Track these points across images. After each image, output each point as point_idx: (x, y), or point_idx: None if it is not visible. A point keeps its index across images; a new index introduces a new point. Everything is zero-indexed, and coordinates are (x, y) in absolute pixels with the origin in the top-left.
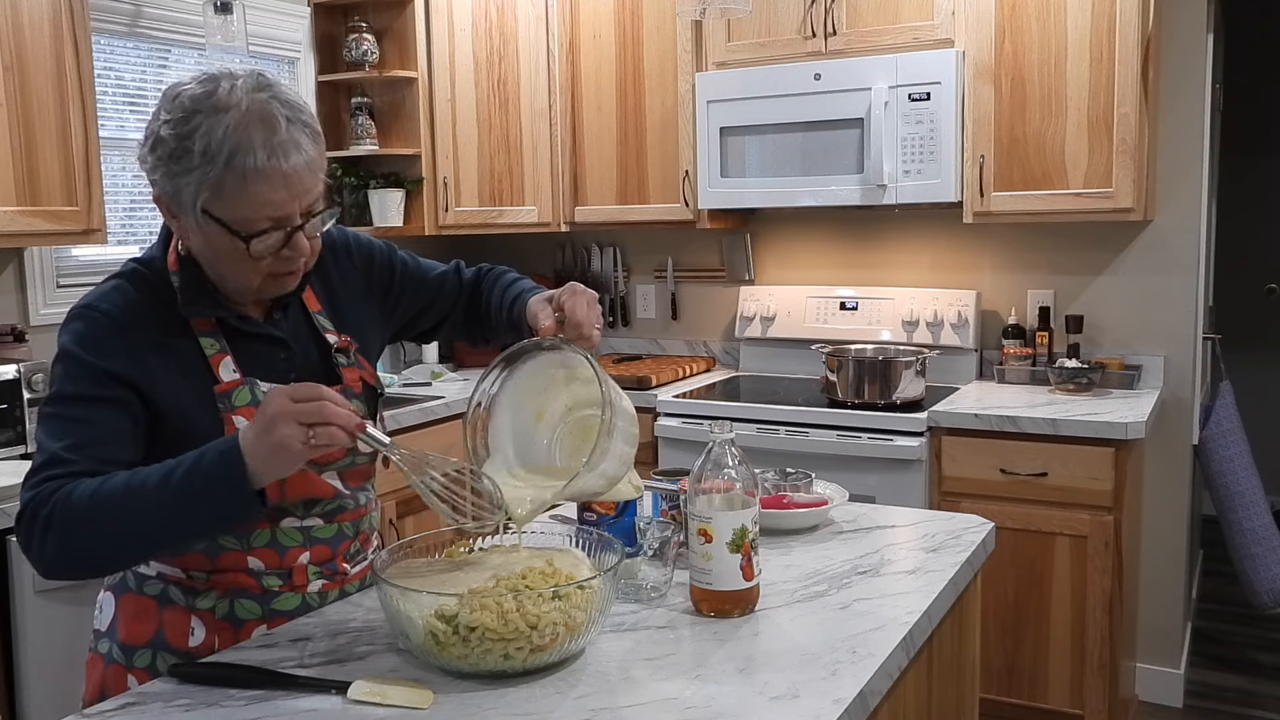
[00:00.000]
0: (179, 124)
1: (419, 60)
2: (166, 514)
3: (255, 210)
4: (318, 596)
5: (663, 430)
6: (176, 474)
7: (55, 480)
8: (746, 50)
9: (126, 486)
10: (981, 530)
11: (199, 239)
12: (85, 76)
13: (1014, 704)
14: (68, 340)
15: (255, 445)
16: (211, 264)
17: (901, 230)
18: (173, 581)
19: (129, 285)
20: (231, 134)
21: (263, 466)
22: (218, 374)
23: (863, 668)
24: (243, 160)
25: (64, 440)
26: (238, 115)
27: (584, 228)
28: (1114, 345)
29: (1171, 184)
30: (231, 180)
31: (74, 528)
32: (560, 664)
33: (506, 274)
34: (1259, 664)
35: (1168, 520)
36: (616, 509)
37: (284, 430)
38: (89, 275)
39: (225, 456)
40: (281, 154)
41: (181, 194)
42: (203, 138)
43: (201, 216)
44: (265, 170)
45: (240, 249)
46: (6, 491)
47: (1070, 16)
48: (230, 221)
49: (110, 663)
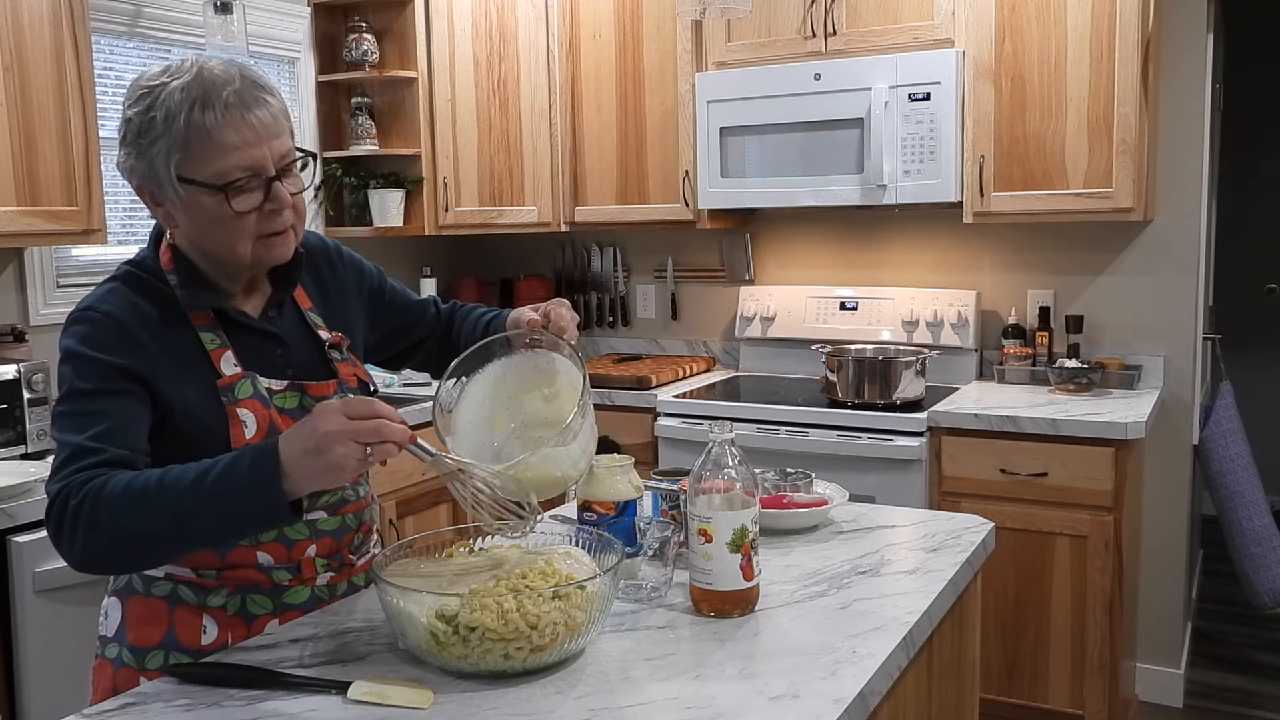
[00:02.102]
0: (138, 102)
1: (419, 60)
2: (197, 514)
3: (225, 159)
4: (326, 589)
5: (663, 430)
6: (211, 475)
7: (85, 471)
8: (746, 50)
9: (159, 484)
10: (981, 530)
11: (184, 217)
12: (85, 76)
13: (1014, 704)
14: (73, 342)
15: (302, 461)
16: (201, 241)
17: (901, 230)
18: (182, 581)
19: (125, 287)
20: (189, 91)
21: (305, 481)
22: (219, 368)
23: (863, 668)
24: (202, 112)
25: (87, 432)
26: (191, 77)
27: (584, 228)
28: (1114, 345)
29: (1171, 184)
30: (196, 135)
31: (104, 521)
32: (560, 664)
33: (480, 306)
34: (1259, 664)
35: (1168, 520)
36: (616, 509)
37: (340, 450)
38: (89, 275)
39: (262, 465)
40: (240, 103)
41: (156, 167)
42: (162, 106)
43: (179, 185)
44: (228, 118)
45: (224, 209)
46: (6, 491)
47: (1070, 16)
48: (205, 178)
49: (121, 666)
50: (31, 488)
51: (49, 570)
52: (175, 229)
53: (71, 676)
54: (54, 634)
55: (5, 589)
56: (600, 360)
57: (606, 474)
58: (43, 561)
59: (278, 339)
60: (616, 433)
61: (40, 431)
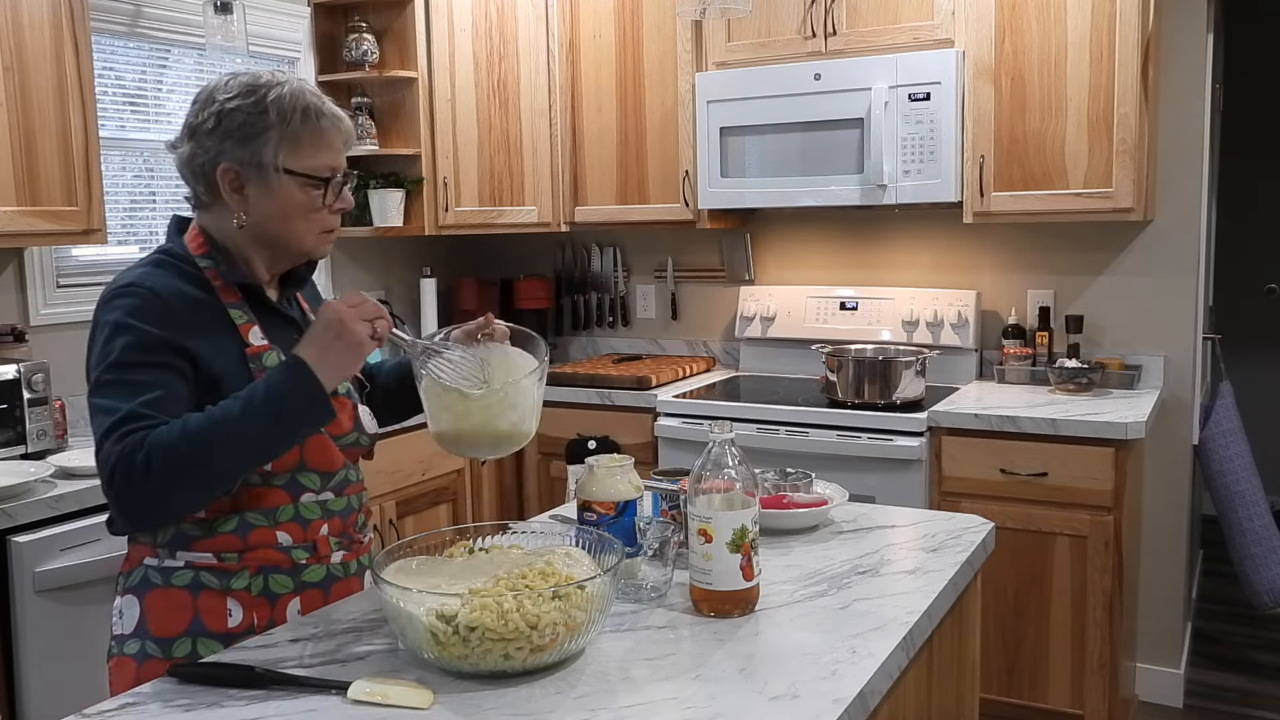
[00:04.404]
0: (245, 97)
1: (419, 60)
2: (257, 433)
3: (323, 158)
4: (340, 567)
5: (663, 430)
6: (257, 397)
7: (141, 431)
8: (746, 50)
9: (210, 419)
10: (981, 530)
11: (264, 203)
12: (85, 76)
13: (1014, 704)
14: (120, 315)
15: (325, 354)
16: (273, 226)
17: (901, 230)
18: (203, 568)
19: (161, 269)
20: (298, 98)
21: (333, 367)
22: (247, 339)
23: (863, 668)
24: (315, 116)
25: (138, 398)
26: (295, 86)
27: (584, 228)
28: (1114, 345)
29: (1171, 184)
30: (308, 132)
31: (172, 462)
32: (560, 664)
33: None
34: (1259, 664)
35: (1168, 520)
36: (616, 509)
37: (354, 327)
38: (89, 275)
39: (296, 371)
40: (336, 115)
41: (261, 155)
42: (274, 104)
43: (280, 175)
44: (331, 122)
45: (314, 200)
46: (6, 491)
47: (1070, 16)
48: (308, 170)
49: (145, 660)
50: (31, 487)
51: (49, 570)
52: (239, 217)
53: (71, 676)
54: (54, 634)
55: (5, 589)
56: (600, 360)
57: (606, 474)
58: (43, 561)
59: (294, 324)
60: (616, 433)
61: (40, 431)
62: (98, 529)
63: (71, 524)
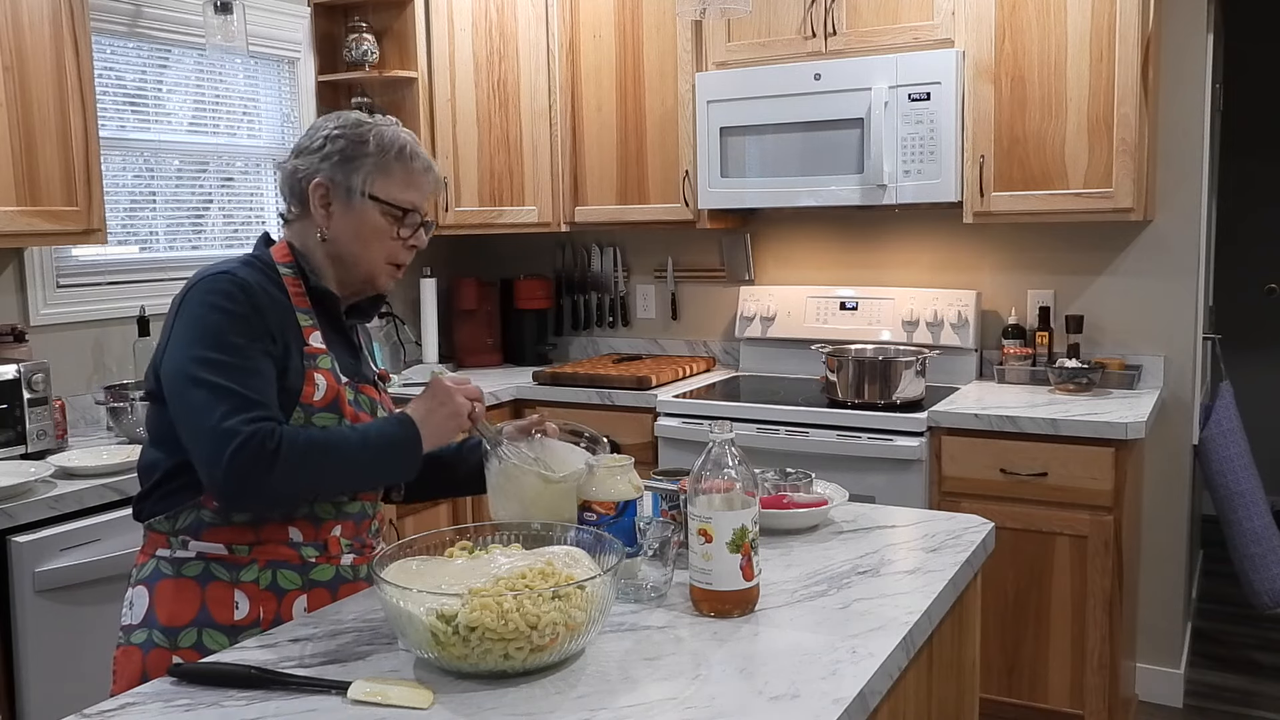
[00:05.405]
0: (351, 129)
1: (419, 60)
2: (365, 462)
3: (408, 194)
4: (350, 570)
5: (663, 430)
6: (371, 435)
7: (266, 421)
8: (746, 50)
9: (335, 437)
10: (981, 530)
11: (345, 223)
12: (85, 76)
13: (1014, 704)
14: (218, 299)
15: (431, 417)
16: (348, 246)
17: (901, 230)
18: (214, 559)
19: (249, 266)
20: (397, 137)
21: (435, 430)
22: (308, 340)
23: (863, 668)
24: (409, 156)
25: (246, 384)
26: (399, 129)
27: (584, 228)
28: (1114, 345)
29: (1171, 184)
30: (400, 167)
31: (300, 462)
32: (560, 664)
33: None
34: (1259, 664)
35: (1168, 520)
36: (616, 509)
37: (458, 399)
38: (89, 275)
39: (405, 423)
40: (428, 163)
41: (352, 179)
42: (376, 137)
43: (364, 200)
44: (423, 166)
45: (390, 228)
46: (6, 491)
47: (1070, 16)
48: (391, 200)
49: (151, 649)
50: (31, 487)
51: (49, 570)
52: (322, 230)
53: (71, 676)
54: (54, 634)
55: (5, 589)
56: (600, 360)
57: (606, 474)
58: (43, 561)
59: (353, 347)
60: (616, 433)
61: (40, 432)
62: (98, 529)
63: (71, 524)
